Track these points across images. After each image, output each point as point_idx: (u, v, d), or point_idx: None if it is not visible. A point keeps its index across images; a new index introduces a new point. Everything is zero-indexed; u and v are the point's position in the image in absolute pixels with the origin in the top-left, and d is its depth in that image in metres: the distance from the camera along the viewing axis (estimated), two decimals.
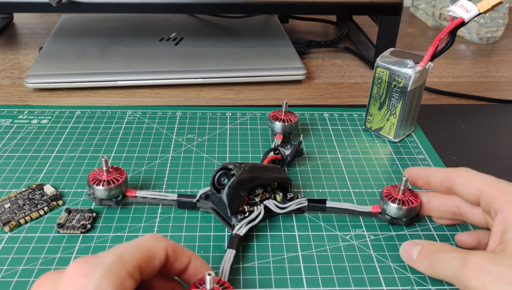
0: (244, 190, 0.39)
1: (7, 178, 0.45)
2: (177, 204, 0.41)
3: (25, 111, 0.56)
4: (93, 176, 0.40)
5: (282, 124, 0.49)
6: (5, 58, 0.71)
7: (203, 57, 0.67)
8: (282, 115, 0.50)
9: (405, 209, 0.39)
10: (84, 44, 0.70)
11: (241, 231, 0.38)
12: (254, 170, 0.39)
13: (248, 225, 0.38)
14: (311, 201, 0.41)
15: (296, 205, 0.41)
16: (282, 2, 0.63)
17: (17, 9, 0.63)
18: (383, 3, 0.64)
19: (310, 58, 0.75)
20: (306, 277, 0.35)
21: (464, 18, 0.43)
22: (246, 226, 0.38)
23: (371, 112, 0.53)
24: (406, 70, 0.48)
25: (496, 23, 0.82)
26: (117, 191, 0.39)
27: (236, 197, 0.38)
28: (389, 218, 0.40)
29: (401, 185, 0.39)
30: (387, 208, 0.39)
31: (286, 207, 0.40)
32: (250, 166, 0.39)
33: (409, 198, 0.39)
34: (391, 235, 0.40)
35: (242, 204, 0.39)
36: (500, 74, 0.72)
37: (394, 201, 0.39)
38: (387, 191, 0.40)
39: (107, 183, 0.39)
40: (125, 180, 0.40)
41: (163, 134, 0.52)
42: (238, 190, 0.38)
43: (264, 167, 0.41)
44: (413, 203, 0.39)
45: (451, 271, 0.31)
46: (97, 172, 0.40)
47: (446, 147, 0.52)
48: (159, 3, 0.61)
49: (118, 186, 0.39)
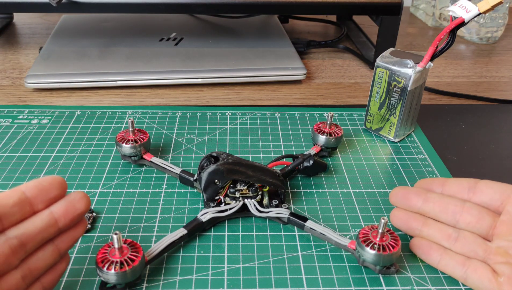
0: (220, 180, 0.39)
1: (7, 178, 0.45)
2: (179, 178, 0.44)
3: (25, 111, 0.56)
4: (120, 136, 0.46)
5: (326, 138, 0.47)
6: (5, 58, 0.71)
7: (203, 57, 0.67)
8: (327, 128, 0.48)
9: (382, 256, 0.34)
10: (84, 44, 0.70)
11: (205, 217, 0.38)
12: (237, 165, 0.40)
13: (215, 214, 0.39)
14: (293, 215, 0.39)
15: (276, 214, 0.40)
16: (282, 2, 0.63)
17: (17, 9, 0.63)
18: (383, 3, 0.64)
19: (310, 58, 0.75)
20: (306, 277, 0.35)
21: (464, 18, 0.43)
22: (212, 214, 0.39)
23: (371, 112, 0.53)
24: (406, 70, 0.48)
25: (496, 23, 0.82)
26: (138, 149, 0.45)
27: (210, 184, 0.39)
28: (362, 261, 0.36)
29: (380, 227, 0.34)
30: (363, 253, 0.35)
31: (264, 212, 0.40)
32: (235, 160, 0.40)
33: (388, 243, 0.34)
34: None
35: (219, 193, 0.40)
36: (500, 74, 0.72)
37: (369, 245, 0.34)
38: (365, 233, 0.35)
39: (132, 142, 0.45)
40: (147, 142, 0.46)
41: (163, 134, 0.52)
42: (214, 178, 0.39)
43: (254, 166, 0.41)
44: (393, 249, 0.34)
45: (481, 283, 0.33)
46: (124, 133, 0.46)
47: (446, 147, 0.52)
48: (159, 3, 0.61)
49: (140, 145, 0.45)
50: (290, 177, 0.46)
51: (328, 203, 0.43)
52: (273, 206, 0.40)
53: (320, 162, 0.46)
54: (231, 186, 0.40)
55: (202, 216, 0.39)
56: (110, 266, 0.32)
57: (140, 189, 0.44)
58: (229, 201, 0.40)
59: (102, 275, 0.32)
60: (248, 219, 0.41)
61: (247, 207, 0.40)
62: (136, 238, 0.38)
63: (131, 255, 0.33)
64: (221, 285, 0.35)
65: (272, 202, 0.41)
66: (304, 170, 0.45)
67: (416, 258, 0.37)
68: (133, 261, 0.32)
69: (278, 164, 0.45)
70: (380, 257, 0.34)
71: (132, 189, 0.44)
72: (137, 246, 0.34)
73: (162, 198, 0.43)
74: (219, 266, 0.36)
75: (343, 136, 0.49)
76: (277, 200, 0.41)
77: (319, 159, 0.46)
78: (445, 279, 0.36)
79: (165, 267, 0.36)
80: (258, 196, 0.41)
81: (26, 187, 0.30)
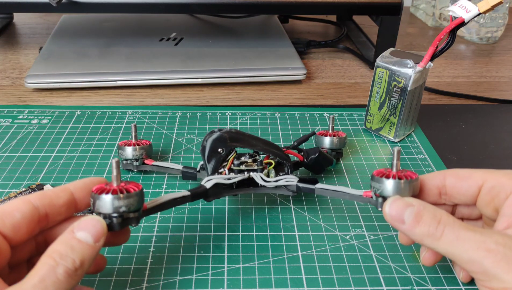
0: (224, 148, 0.38)
1: (7, 178, 0.45)
2: (182, 174, 0.43)
3: (25, 111, 0.56)
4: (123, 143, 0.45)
5: (330, 138, 0.47)
6: (5, 58, 0.71)
7: (203, 57, 0.67)
8: (329, 132, 0.47)
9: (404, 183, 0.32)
10: (84, 44, 0.70)
11: (209, 183, 0.37)
12: (240, 134, 0.39)
13: (220, 180, 0.37)
14: (302, 180, 0.38)
15: (285, 182, 0.38)
16: (282, 2, 0.63)
17: (17, 9, 0.63)
18: (383, 3, 0.64)
19: (310, 58, 0.75)
20: (306, 277, 0.35)
21: (464, 18, 0.43)
22: (217, 180, 0.37)
23: (371, 112, 0.53)
24: (406, 70, 0.48)
25: (496, 23, 0.82)
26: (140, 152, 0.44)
27: (214, 153, 0.38)
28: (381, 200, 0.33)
29: (394, 158, 0.32)
30: (382, 187, 0.32)
31: (272, 182, 0.38)
32: (237, 130, 0.39)
33: (405, 174, 0.33)
34: (391, 235, 0.40)
35: (223, 166, 0.39)
36: (500, 74, 0.72)
37: (388, 177, 0.32)
38: (379, 172, 0.34)
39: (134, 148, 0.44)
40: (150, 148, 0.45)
41: (163, 134, 0.52)
42: (217, 146, 0.38)
43: (258, 138, 0.40)
44: (413, 175, 0.33)
45: (465, 253, 0.28)
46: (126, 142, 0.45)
47: (446, 147, 0.52)
48: (159, 3, 0.61)
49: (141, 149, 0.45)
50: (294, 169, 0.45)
51: (328, 203, 0.43)
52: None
53: (327, 156, 0.45)
54: (235, 159, 0.39)
55: (206, 183, 0.37)
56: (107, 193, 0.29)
57: None
58: (235, 175, 0.39)
59: (97, 202, 0.29)
60: (248, 219, 0.41)
61: (253, 181, 0.39)
62: (136, 238, 0.38)
63: (129, 187, 0.30)
64: (221, 285, 0.35)
65: (279, 174, 0.40)
66: (311, 165, 0.44)
67: (416, 258, 0.37)
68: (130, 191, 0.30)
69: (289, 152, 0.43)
70: (401, 184, 0.32)
71: None
72: (137, 184, 0.31)
73: None
74: (219, 266, 0.36)
75: (346, 138, 0.49)
76: (284, 172, 0.40)
77: (325, 152, 0.45)
78: (445, 279, 0.36)
79: (165, 267, 0.36)
80: (264, 171, 0.39)
81: (75, 187, 0.30)
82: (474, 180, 0.33)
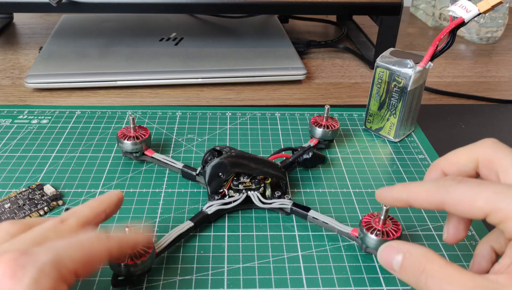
0: (225, 173, 0.40)
1: (7, 178, 0.45)
2: (181, 173, 0.44)
3: (25, 111, 0.56)
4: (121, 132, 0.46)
5: (322, 130, 0.48)
6: (5, 58, 0.71)
7: (203, 57, 0.67)
8: (323, 121, 0.49)
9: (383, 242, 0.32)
10: (84, 44, 0.70)
11: (210, 209, 0.39)
12: (240, 158, 0.41)
13: (220, 206, 0.39)
14: (296, 205, 0.40)
15: (279, 205, 0.41)
16: (282, 2, 0.63)
17: (17, 9, 0.63)
18: (383, 3, 0.64)
19: (310, 58, 0.75)
20: (306, 277, 0.35)
21: (464, 18, 0.43)
22: (217, 207, 0.39)
23: (371, 112, 0.53)
24: (406, 70, 0.48)
25: (496, 23, 0.82)
26: (139, 146, 0.45)
27: (215, 177, 0.40)
28: (365, 248, 0.37)
29: (382, 214, 0.35)
30: (366, 239, 0.36)
31: (268, 203, 0.40)
32: (238, 153, 0.41)
33: (390, 229, 0.35)
34: None
35: (223, 186, 0.41)
36: (500, 74, 0.72)
37: (373, 232, 0.35)
38: (367, 219, 0.36)
39: (133, 138, 0.45)
40: (148, 138, 0.46)
41: (163, 134, 0.52)
42: (218, 171, 0.40)
43: (256, 159, 0.41)
44: (396, 233, 0.35)
45: None
46: (125, 129, 0.46)
47: (446, 147, 0.52)
48: (159, 3, 0.61)
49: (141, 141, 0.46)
50: (289, 170, 0.47)
51: (328, 203, 0.43)
52: (276, 197, 0.41)
53: (319, 154, 0.47)
54: (234, 179, 0.41)
55: (208, 209, 0.39)
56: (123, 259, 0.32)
57: (140, 189, 0.44)
58: (233, 194, 0.41)
59: (114, 268, 0.33)
60: (248, 219, 0.41)
61: (250, 199, 0.41)
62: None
63: (141, 250, 0.33)
64: (221, 285, 0.35)
65: (274, 194, 0.41)
66: (303, 162, 0.46)
67: None
68: (143, 255, 0.33)
69: (278, 156, 0.46)
70: (383, 243, 0.32)
71: (132, 189, 0.44)
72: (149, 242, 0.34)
73: (162, 198, 0.43)
74: (219, 266, 0.36)
75: (339, 129, 0.50)
76: (280, 192, 0.41)
77: (317, 151, 0.47)
78: None
79: (165, 267, 0.36)
80: (261, 188, 0.41)
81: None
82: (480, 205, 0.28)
